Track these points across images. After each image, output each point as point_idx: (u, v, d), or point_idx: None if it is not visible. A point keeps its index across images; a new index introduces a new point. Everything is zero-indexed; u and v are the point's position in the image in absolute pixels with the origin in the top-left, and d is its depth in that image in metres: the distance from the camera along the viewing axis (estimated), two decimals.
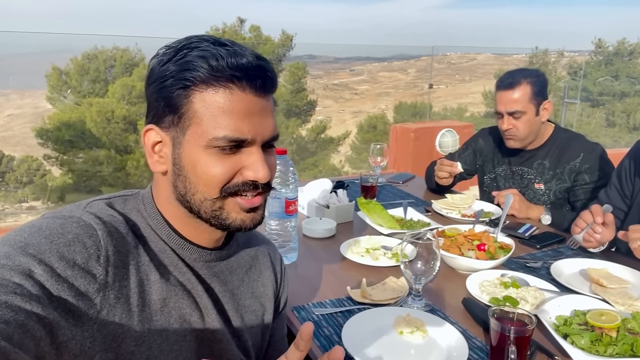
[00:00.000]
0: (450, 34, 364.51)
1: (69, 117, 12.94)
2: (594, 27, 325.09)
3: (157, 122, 0.74)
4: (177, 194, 0.75)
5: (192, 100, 0.70)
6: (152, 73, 0.73)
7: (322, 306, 1.22)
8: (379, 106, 20.44)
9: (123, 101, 12.92)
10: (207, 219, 0.76)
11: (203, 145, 0.71)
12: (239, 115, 0.71)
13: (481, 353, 1.04)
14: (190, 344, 0.78)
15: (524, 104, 1.86)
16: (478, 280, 1.34)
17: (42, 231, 0.65)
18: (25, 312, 0.56)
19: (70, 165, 12.88)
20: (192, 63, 0.70)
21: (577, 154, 1.92)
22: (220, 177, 0.72)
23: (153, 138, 0.75)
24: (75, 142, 12.79)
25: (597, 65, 15.95)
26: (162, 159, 0.75)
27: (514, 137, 1.92)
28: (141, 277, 0.72)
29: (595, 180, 1.88)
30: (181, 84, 0.70)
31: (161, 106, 0.72)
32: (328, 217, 1.76)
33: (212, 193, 0.73)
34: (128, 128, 12.78)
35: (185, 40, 0.72)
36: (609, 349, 0.98)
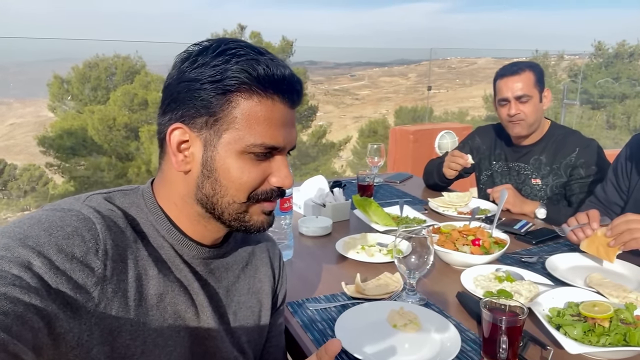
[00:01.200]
0: (450, 38, 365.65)
1: (70, 125, 13.00)
2: (594, 29, 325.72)
3: (185, 121, 0.74)
4: (201, 194, 0.76)
5: (233, 105, 0.72)
6: (182, 73, 0.73)
7: (317, 302, 1.23)
8: (380, 111, 20.49)
9: (124, 108, 12.97)
10: (229, 220, 0.78)
11: (239, 151, 0.73)
12: (276, 125, 0.74)
13: (474, 345, 1.04)
14: (184, 340, 0.78)
15: (529, 88, 1.89)
16: (473, 275, 1.34)
17: (41, 224, 0.65)
18: (23, 303, 0.56)
19: (72, 172, 12.92)
20: (236, 69, 0.71)
21: (572, 148, 1.93)
22: (251, 183, 0.75)
23: (180, 137, 0.74)
24: (77, 150, 12.85)
25: (598, 67, 15.96)
26: (187, 159, 0.75)
27: (521, 123, 1.92)
28: (139, 271, 0.72)
29: (591, 175, 1.89)
30: (223, 89, 0.71)
31: (194, 107, 0.73)
32: (324, 216, 1.77)
33: (241, 197, 0.76)
34: (129, 135, 12.83)
35: (223, 44, 0.73)
36: (601, 339, 0.98)
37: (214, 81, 0.71)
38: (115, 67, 14.31)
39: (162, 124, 0.77)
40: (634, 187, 1.59)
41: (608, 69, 15.92)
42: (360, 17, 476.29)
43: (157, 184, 0.81)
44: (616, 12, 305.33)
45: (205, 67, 0.72)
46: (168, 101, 0.75)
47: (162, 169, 0.80)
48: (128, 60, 14.33)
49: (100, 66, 14.25)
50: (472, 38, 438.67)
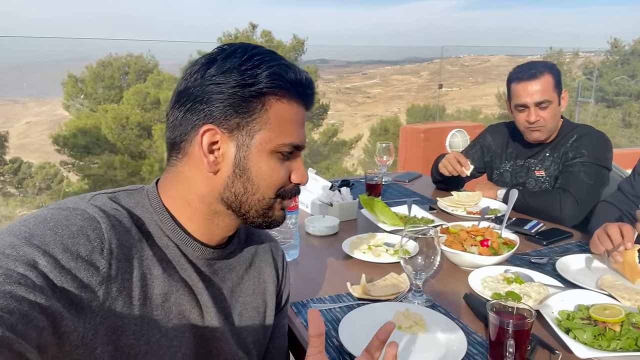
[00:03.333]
0: (463, 36, 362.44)
1: (84, 124, 13.15)
2: (610, 26, 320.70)
3: (216, 123, 0.75)
4: (229, 193, 0.78)
5: (266, 107, 0.76)
6: (209, 75, 0.75)
7: (321, 302, 1.21)
8: (392, 109, 20.40)
9: (137, 107, 13.09)
10: (255, 217, 0.81)
11: (270, 150, 0.77)
12: (299, 125, 0.81)
13: (481, 348, 1.02)
14: (189, 341, 0.78)
15: (550, 93, 1.83)
16: (481, 276, 1.32)
17: (46, 222, 0.66)
18: (28, 302, 0.57)
19: (85, 171, 13.08)
20: (268, 74, 0.75)
21: (572, 135, 1.90)
22: (280, 181, 0.80)
23: (211, 138, 0.76)
24: (90, 148, 13.00)
25: (613, 64, 15.69)
26: (217, 159, 0.77)
27: (541, 129, 1.87)
28: (144, 271, 0.72)
29: (577, 157, 1.84)
30: (256, 91, 0.75)
31: (225, 108, 0.75)
32: (331, 215, 1.75)
33: (270, 194, 0.80)
34: (142, 134, 12.95)
35: (250, 50, 0.77)
36: (612, 344, 0.95)
37: (247, 84, 0.74)
38: (128, 66, 14.45)
39: (184, 125, 0.77)
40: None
41: (624, 66, 15.65)
42: (371, 15, 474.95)
43: (165, 185, 0.81)
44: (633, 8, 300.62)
45: (236, 71, 0.74)
46: (192, 103, 0.76)
47: (178, 170, 0.79)
48: (141, 59, 14.46)
49: (113, 65, 14.40)
50: (485, 35, 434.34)
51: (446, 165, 2.03)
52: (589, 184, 1.77)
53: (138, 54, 14.43)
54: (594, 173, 1.79)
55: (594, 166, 1.79)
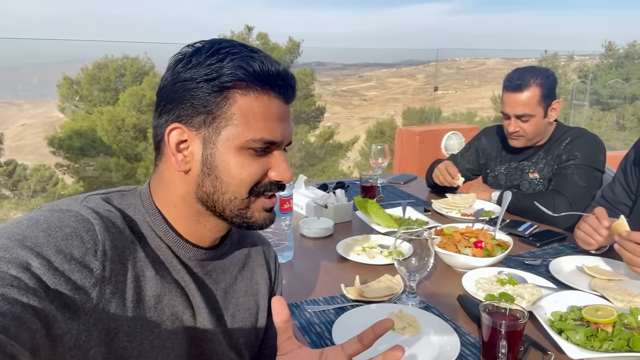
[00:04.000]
0: (459, 39, 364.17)
1: (80, 126, 13.11)
2: (605, 30, 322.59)
3: (183, 121, 0.74)
4: (201, 192, 0.76)
5: (230, 102, 0.73)
6: (177, 74, 0.74)
7: (316, 304, 1.21)
8: (388, 112, 20.42)
9: (133, 110, 13.06)
10: (231, 217, 0.78)
11: (238, 146, 0.74)
12: (273, 120, 0.76)
13: (474, 349, 1.03)
14: (181, 342, 0.78)
15: (532, 107, 1.83)
16: (474, 277, 1.33)
17: (39, 224, 0.65)
18: (21, 304, 0.56)
19: (81, 173, 13.03)
20: (232, 67, 0.72)
21: (565, 138, 1.91)
22: (251, 178, 0.76)
23: (178, 137, 0.75)
24: (86, 150, 12.95)
25: (608, 68, 15.78)
26: (186, 158, 0.75)
27: (520, 138, 1.91)
28: (137, 273, 0.72)
29: (570, 160, 1.85)
30: (219, 87, 0.72)
31: (191, 106, 0.73)
32: (326, 217, 1.75)
33: (242, 193, 0.76)
34: (138, 136, 12.91)
35: (216, 44, 0.74)
36: (604, 344, 0.96)
37: (210, 79, 0.72)
38: (124, 69, 14.41)
39: (158, 126, 0.77)
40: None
41: (618, 69, 15.74)
42: (368, 18, 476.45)
43: (155, 186, 0.81)
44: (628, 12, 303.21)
45: (200, 67, 0.72)
46: (164, 103, 0.75)
47: (160, 171, 0.79)
48: (137, 61, 14.41)
49: (109, 67, 14.35)
50: (481, 39, 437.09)
51: (437, 175, 2.06)
52: (582, 186, 1.78)
53: (134, 56, 14.39)
54: (587, 175, 1.80)
55: (587, 168, 1.80)
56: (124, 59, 14.29)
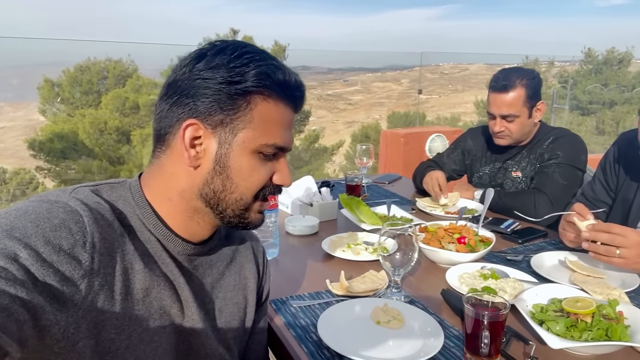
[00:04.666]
0: (443, 44, 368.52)
1: (61, 129, 12.92)
2: (584, 36, 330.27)
3: (200, 118, 0.75)
4: (208, 189, 0.78)
5: (251, 106, 0.75)
6: (197, 70, 0.75)
7: (301, 299, 1.22)
8: (373, 116, 20.54)
9: (116, 112, 12.91)
10: (230, 216, 0.80)
11: (252, 149, 0.77)
12: (285, 127, 0.80)
13: (457, 341, 1.04)
14: (169, 336, 0.78)
15: (517, 108, 1.86)
16: (458, 272, 1.34)
17: (28, 215, 0.65)
18: (9, 295, 0.56)
19: (62, 176, 12.83)
20: (257, 73, 0.74)
21: (548, 137, 1.94)
22: (260, 182, 0.80)
23: (193, 133, 0.75)
24: (67, 154, 12.76)
25: (587, 74, 16.12)
26: (198, 154, 0.76)
27: (505, 138, 1.94)
28: (126, 265, 0.72)
29: (552, 159, 1.88)
30: (242, 90, 0.74)
31: (210, 104, 0.74)
32: (312, 215, 1.76)
33: (249, 195, 0.80)
34: (121, 139, 12.76)
35: (240, 47, 0.76)
36: (583, 334, 0.98)
37: (234, 82, 0.73)
38: (107, 71, 14.24)
39: (168, 117, 0.77)
40: (621, 185, 1.60)
41: (597, 75, 16.08)
42: (353, 22, 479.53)
43: (148, 178, 0.80)
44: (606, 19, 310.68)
45: (224, 68, 0.74)
46: (178, 96, 0.76)
47: (162, 163, 0.79)
48: (120, 63, 14.26)
49: (91, 69, 14.18)
50: (464, 44, 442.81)
51: (427, 182, 2.03)
52: (563, 185, 1.82)
53: (117, 59, 14.24)
54: (568, 174, 1.83)
55: (568, 167, 1.84)
56: (106, 61, 14.12)
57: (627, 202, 1.55)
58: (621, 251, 1.20)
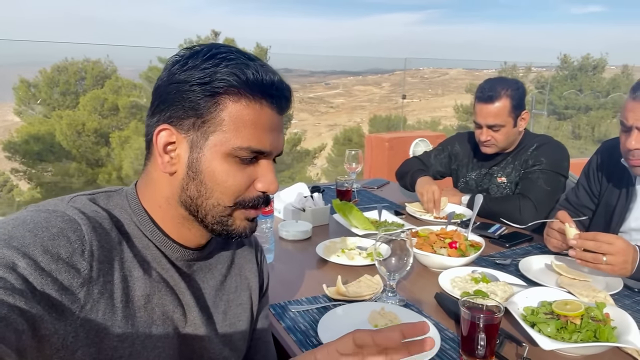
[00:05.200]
0: (423, 49, 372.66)
1: (37, 130, 12.64)
2: (560, 43, 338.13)
3: (173, 123, 0.74)
4: (185, 196, 0.76)
5: (220, 108, 0.72)
6: (172, 75, 0.74)
7: (299, 304, 1.24)
8: (354, 119, 20.67)
9: (94, 113, 12.70)
10: (212, 224, 0.78)
11: (225, 153, 0.74)
12: (263, 129, 0.75)
13: (453, 344, 1.07)
14: (172, 341, 0.78)
15: (503, 118, 1.92)
16: (450, 276, 1.38)
17: (26, 224, 0.65)
18: (7, 305, 0.56)
19: (39, 179, 12.55)
20: (225, 73, 0.72)
21: (532, 144, 2.00)
22: (237, 187, 0.75)
23: (167, 138, 0.74)
24: (44, 156, 12.50)
25: (563, 79, 16.53)
26: (173, 160, 0.75)
27: (492, 146, 1.99)
28: (125, 273, 0.72)
29: (536, 165, 1.94)
30: (211, 91, 0.72)
31: (182, 108, 0.73)
32: (304, 220, 1.78)
33: (226, 201, 0.76)
34: (99, 141, 12.56)
35: (214, 48, 0.74)
36: (573, 336, 1.02)
37: (203, 83, 0.71)
38: (85, 72, 14.00)
39: (150, 125, 0.76)
40: (604, 191, 1.66)
41: (572, 81, 16.51)
42: (335, 26, 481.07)
43: (142, 186, 0.81)
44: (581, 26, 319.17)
45: (195, 70, 0.72)
46: (157, 102, 0.76)
47: (148, 171, 0.79)
48: (98, 64, 14.04)
49: (69, 70, 13.93)
50: (444, 49, 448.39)
51: (421, 194, 2.00)
52: (546, 190, 1.88)
53: (95, 59, 14.01)
54: (552, 180, 1.90)
55: (551, 173, 1.90)
56: (84, 62, 13.89)
57: (609, 207, 1.61)
58: (608, 258, 1.25)
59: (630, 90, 1.39)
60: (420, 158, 2.32)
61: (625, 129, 1.40)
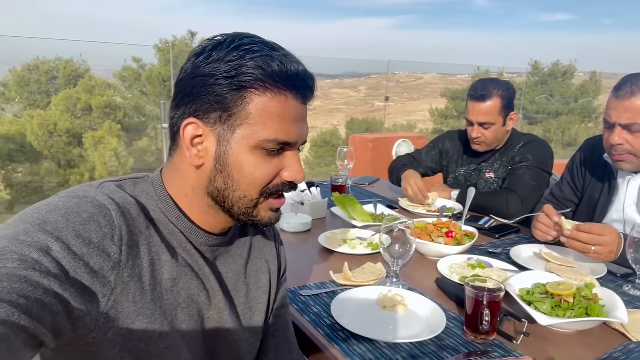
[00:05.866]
0: (399, 53, 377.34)
1: (7, 130, 12.30)
2: (531, 49, 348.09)
3: (199, 116, 0.75)
4: (212, 188, 0.78)
5: (247, 101, 0.73)
6: (197, 67, 0.74)
7: (309, 289, 1.29)
8: (331, 122, 20.76)
9: (67, 113, 12.43)
10: (238, 214, 0.80)
11: (252, 146, 0.75)
12: (289, 121, 0.76)
13: (456, 322, 1.15)
14: (197, 323, 0.81)
15: (493, 116, 2.02)
16: (448, 263, 1.46)
17: (58, 210, 0.67)
18: (43, 287, 0.58)
19: (9, 180, 12.21)
20: (250, 66, 0.72)
21: (519, 143, 2.12)
22: (264, 179, 0.77)
23: (193, 132, 0.76)
24: (14, 156, 12.16)
25: (534, 85, 17.02)
26: (200, 153, 0.77)
27: (482, 144, 2.09)
28: (153, 257, 0.74)
29: (523, 162, 2.04)
30: (237, 85, 0.72)
31: (208, 102, 0.74)
32: (303, 214, 1.84)
33: (253, 193, 0.78)
34: (72, 141, 12.28)
35: (237, 39, 0.74)
36: (567, 313, 1.11)
37: (229, 77, 0.72)
38: (57, 71, 13.68)
39: (176, 117, 0.78)
40: (587, 185, 1.77)
41: (543, 87, 17.01)
42: (311, 29, 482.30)
43: (167, 174, 0.82)
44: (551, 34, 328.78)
45: (220, 63, 0.72)
46: (182, 95, 0.76)
47: (174, 161, 0.81)
48: (71, 63, 13.72)
49: (40, 69, 13.59)
50: (419, 54, 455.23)
51: (406, 189, 2.08)
52: (532, 185, 1.99)
53: (68, 58, 13.71)
54: (537, 176, 2.01)
55: (537, 170, 2.01)
56: (56, 61, 13.59)
57: (592, 200, 1.72)
58: (596, 248, 1.37)
59: (613, 89, 1.50)
60: (413, 155, 2.41)
61: (609, 125, 1.51)
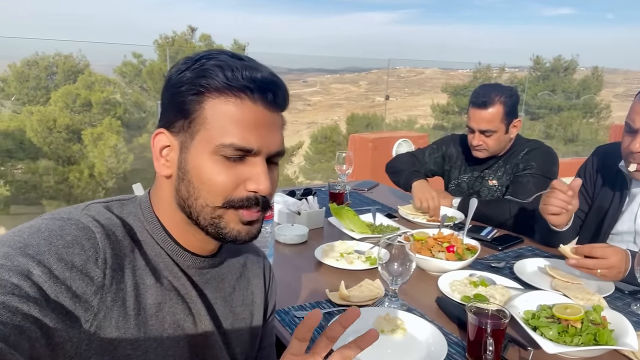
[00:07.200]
0: (400, 49, 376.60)
1: (7, 126, 12.26)
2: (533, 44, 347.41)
3: (167, 126, 0.75)
4: (178, 198, 0.76)
5: (203, 106, 0.72)
6: (169, 80, 0.75)
7: (303, 309, 1.24)
8: (332, 117, 20.72)
9: (66, 109, 12.38)
10: (205, 226, 0.76)
11: (210, 151, 0.72)
12: (247, 126, 0.72)
13: (458, 348, 1.09)
14: (183, 350, 0.78)
15: (495, 124, 1.95)
16: (448, 280, 1.41)
17: (41, 232, 0.65)
18: (22, 313, 0.56)
19: (8, 177, 12.18)
20: (208, 71, 0.72)
21: (523, 149, 2.05)
22: (223, 186, 0.73)
23: (162, 142, 0.76)
24: (14, 153, 12.13)
25: (536, 80, 16.93)
26: (168, 163, 0.76)
27: (483, 151, 2.03)
28: (137, 281, 0.72)
29: (527, 169, 1.99)
30: (195, 90, 0.72)
31: (174, 111, 0.74)
32: (299, 224, 1.78)
33: (215, 201, 0.74)
34: (72, 138, 12.25)
35: (206, 52, 0.75)
36: (574, 339, 1.06)
37: (189, 84, 0.73)
38: (56, 66, 13.64)
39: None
40: (597, 193, 1.70)
41: (545, 82, 16.92)
42: (313, 24, 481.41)
43: (153, 193, 0.81)
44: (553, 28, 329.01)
45: (186, 72, 0.73)
46: (161, 110, 0.78)
47: (156, 177, 0.80)
48: (70, 58, 13.68)
49: (40, 65, 13.54)
50: (420, 49, 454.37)
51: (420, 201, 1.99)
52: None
53: (67, 54, 13.65)
54: (541, 183, 1.94)
55: (541, 177, 1.95)
56: (56, 56, 13.52)
57: (602, 210, 1.66)
58: (602, 271, 1.33)
59: (638, 93, 1.43)
60: (415, 154, 2.34)
61: (631, 130, 1.43)
